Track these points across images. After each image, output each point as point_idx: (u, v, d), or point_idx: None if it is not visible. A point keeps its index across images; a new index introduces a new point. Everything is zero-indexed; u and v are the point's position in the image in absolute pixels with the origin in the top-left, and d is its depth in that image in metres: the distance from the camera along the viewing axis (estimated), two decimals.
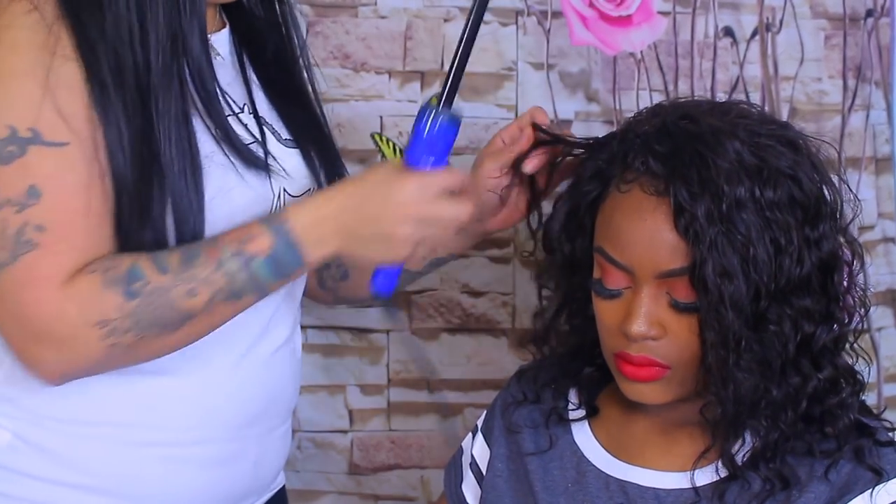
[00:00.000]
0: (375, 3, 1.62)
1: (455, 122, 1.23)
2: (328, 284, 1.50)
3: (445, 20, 1.63)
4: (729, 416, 1.17)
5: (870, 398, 1.55)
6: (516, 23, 1.62)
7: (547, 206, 1.33)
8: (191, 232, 1.20)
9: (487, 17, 1.62)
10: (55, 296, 1.15)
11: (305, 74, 1.41)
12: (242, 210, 1.24)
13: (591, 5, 1.61)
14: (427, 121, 1.21)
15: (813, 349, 1.18)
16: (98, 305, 1.15)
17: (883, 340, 1.70)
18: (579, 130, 1.62)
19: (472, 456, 1.37)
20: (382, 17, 1.63)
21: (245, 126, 1.28)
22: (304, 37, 1.42)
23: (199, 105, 1.22)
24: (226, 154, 1.24)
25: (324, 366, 1.66)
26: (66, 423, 1.26)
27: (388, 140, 1.61)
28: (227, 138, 1.24)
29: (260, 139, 1.29)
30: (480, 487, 1.34)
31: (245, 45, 1.35)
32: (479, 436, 1.37)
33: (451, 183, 1.21)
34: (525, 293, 1.66)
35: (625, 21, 1.62)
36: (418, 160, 1.21)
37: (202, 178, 1.21)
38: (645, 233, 1.17)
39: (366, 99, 1.62)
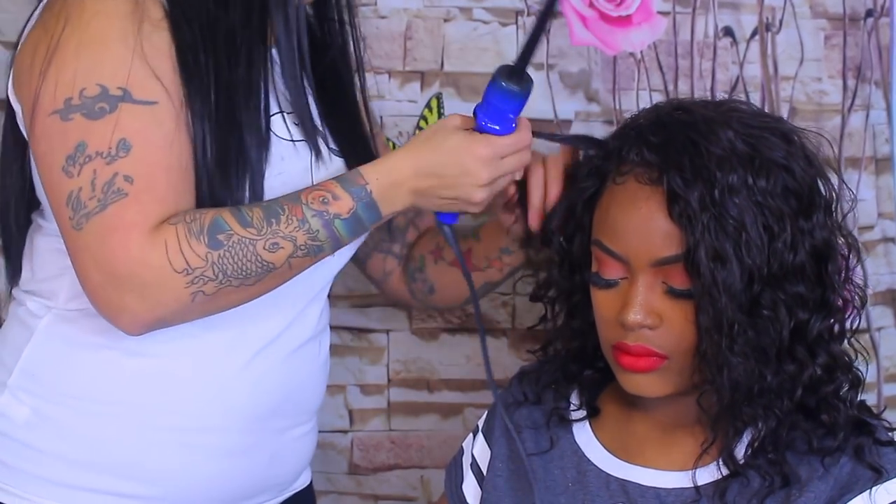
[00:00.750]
0: (375, 3, 1.62)
1: (526, 88, 1.25)
2: (418, 297, 1.54)
3: (445, 20, 1.63)
4: (725, 403, 1.18)
5: (870, 398, 1.55)
6: (516, 23, 1.63)
7: None
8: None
9: (487, 17, 1.63)
10: (141, 241, 1.17)
11: (359, 93, 1.43)
12: (279, 191, 1.26)
13: (591, 5, 1.61)
14: (496, 90, 1.24)
15: (808, 337, 1.18)
16: (183, 253, 1.17)
17: (883, 340, 1.70)
18: (579, 130, 1.63)
19: (472, 456, 1.37)
20: (382, 17, 1.63)
21: (297, 125, 1.31)
22: (363, 58, 1.44)
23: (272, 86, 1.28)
24: (289, 132, 1.29)
25: None
26: (85, 401, 1.28)
27: (388, 140, 1.61)
28: (301, 115, 1.29)
29: (314, 138, 1.32)
30: (481, 487, 1.34)
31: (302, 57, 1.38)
32: (480, 436, 1.38)
33: (520, 143, 1.27)
34: (525, 293, 1.65)
35: (625, 21, 1.62)
36: (487, 125, 1.25)
37: (269, 153, 1.26)
38: (640, 221, 1.18)
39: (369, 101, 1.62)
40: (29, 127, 1.23)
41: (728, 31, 1.65)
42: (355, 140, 1.40)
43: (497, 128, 1.25)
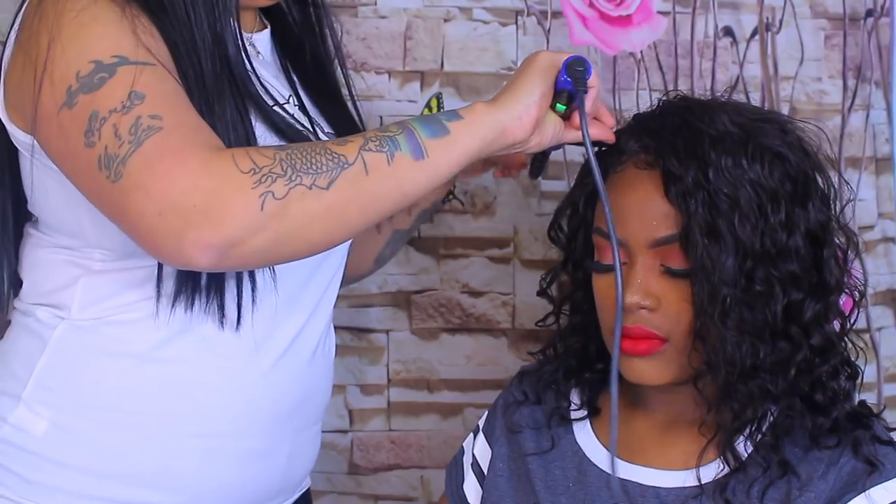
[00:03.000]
0: (375, 3, 1.62)
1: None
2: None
3: (445, 20, 1.63)
4: (721, 382, 1.18)
5: (870, 398, 1.55)
6: (516, 23, 1.63)
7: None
8: None
9: (487, 17, 1.63)
10: (198, 157, 1.07)
11: (342, 75, 1.42)
12: None
13: (591, 5, 1.61)
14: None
15: (802, 317, 1.19)
16: (250, 156, 1.08)
17: (883, 340, 1.70)
18: None
19: (473, 456, 1.37)
20: (382, 17, 1.63)
21: (292, 116, 1.29)
22: (340, 40, 1.43)
23: (250, 104, 1.22)
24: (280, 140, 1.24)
25: None
26: (104, 411, 1.25)
27: None
28: (278, 130, 1.24)
29: (309, 126, 1.30)
30: (482, 487, 1.34)
31: (284, 46, 1.37)
32: (481, 435, 1.38)
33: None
34: (525, 293, 1.66)
35: (625, 21, 1.62)
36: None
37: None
38: (637, 203, 1.20)
39: (366, 99, 1.61)
40: (42, 141, 1.18)
41: (728, 31, 1.65)
42: (347, 124, 1.39)
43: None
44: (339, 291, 1.46)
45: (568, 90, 1.21)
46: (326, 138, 1.32)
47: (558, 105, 1.21)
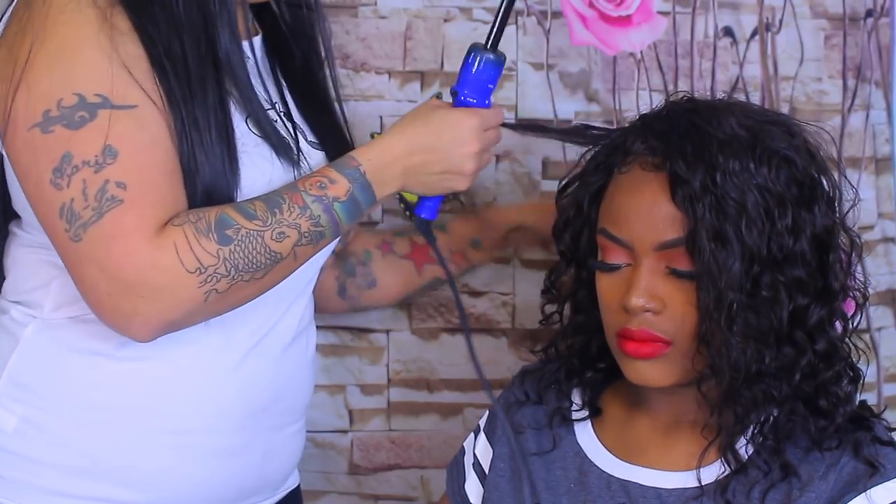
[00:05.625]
0: (375, 3, 1.62)
1: (499, 62, 1.33)
2: (350, 293, 1.54)
3: (445, 20, 1.63)
4: (725, 386, 1.18)
5: (870, 398, 1.55)
6: (516, 23, 1.62)
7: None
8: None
9: (487, 17, 1.63)
10: (147, 246, 1.16)
11: (331, 83, 1.44)
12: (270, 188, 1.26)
13: (591, 5, 1.61)
14: (475, 61, 1.32)
15: (807, 323, 1.19)
16: (194, 252, 1.17)
17: (883, 340, 1.70)
18: None
19: (474, 455, 1.37)
20: (382, 18, 1.63)
21: (276, 122, 1.31)
22: (331, 46, 1.45)
23: (235, 93, 1.26)
24: (264, 141, 1.28)
25: (324, 366, 1.66)
26: (76, 407, 1.27)
27: (373, 135, 1.60)
28: (260, 127, 1.28)
29: (292, 134, 1.32)
30: (483, 487, 1.34)
31: (276, 51, 1.39)
32: (482, 435, 1.38)
33: (498, 118, 1.36)
34: (525, 293, 1.66)
35: (625, 21, 1.62)
36: (467, 98, 1.32)
37: (238, 165, 1.25)
38: (643, 206, 1.20)
39: (366, 99, 1.62)
40: (7, 145, 1.21)
41: (728, 31, 1.65)
42: (332, 132, 1.40)
43: (474, 101, 1.32)
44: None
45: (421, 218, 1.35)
46: (308, 147, 1.35)
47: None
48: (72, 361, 1.28)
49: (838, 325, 1.23)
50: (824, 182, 1.22)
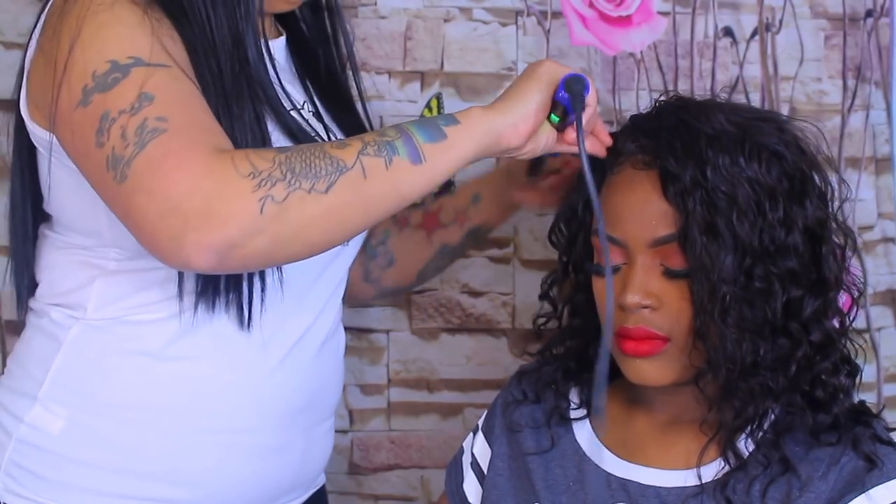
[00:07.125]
0: (375, 3, 1.62)
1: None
2: (374, 276, 1.52)
3: (445, 20, 1.63)
4: (721, 380, 1.19)
5: (870, 398, 1.55)
6: (516, 23, 1.63)
7: None
8: None
9: (487, 17, 1.63)
10: (199, 157, 1.07)
11: (354, 82, 1.43)
12: None
13: (591, 5, 1.61)
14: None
15: (802, 314, 1.19)
16: (249, 159, 1.08)
17: (883, 340, 1.70)
18: None
19: (472, 455, 1.37)
20: (382, 18, 1.63)
21: (307, 121, 1.30)
22: (352, 47, 1.44)
23: (266, 107, 1.23)
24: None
25: None
26: (120, 408, 1.27)
27: None
28: (291, 134, 1.25)
29: (323, 133, 1.31)
30: (482, 486, 1.34)
31: (298, 54, 1.39)
32: (480, 435, 1.38)
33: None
34: (525, 293, 1.66)
35: (625, 21, 1.62)
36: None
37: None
38: (635, 204, 1.20)
39: (366, 99, 1.62)
40: (61, 138, 1.19)
41: (728, 32, 1.65)
42: (358, 131, 1.39)
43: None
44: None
45: (564, 105, 1.21)
46: None
47: (553, 116, 1.22)
48: (116, 363, 1.27)
49: (835, 322, 1.24)
50: (816, 177, 1.23)
